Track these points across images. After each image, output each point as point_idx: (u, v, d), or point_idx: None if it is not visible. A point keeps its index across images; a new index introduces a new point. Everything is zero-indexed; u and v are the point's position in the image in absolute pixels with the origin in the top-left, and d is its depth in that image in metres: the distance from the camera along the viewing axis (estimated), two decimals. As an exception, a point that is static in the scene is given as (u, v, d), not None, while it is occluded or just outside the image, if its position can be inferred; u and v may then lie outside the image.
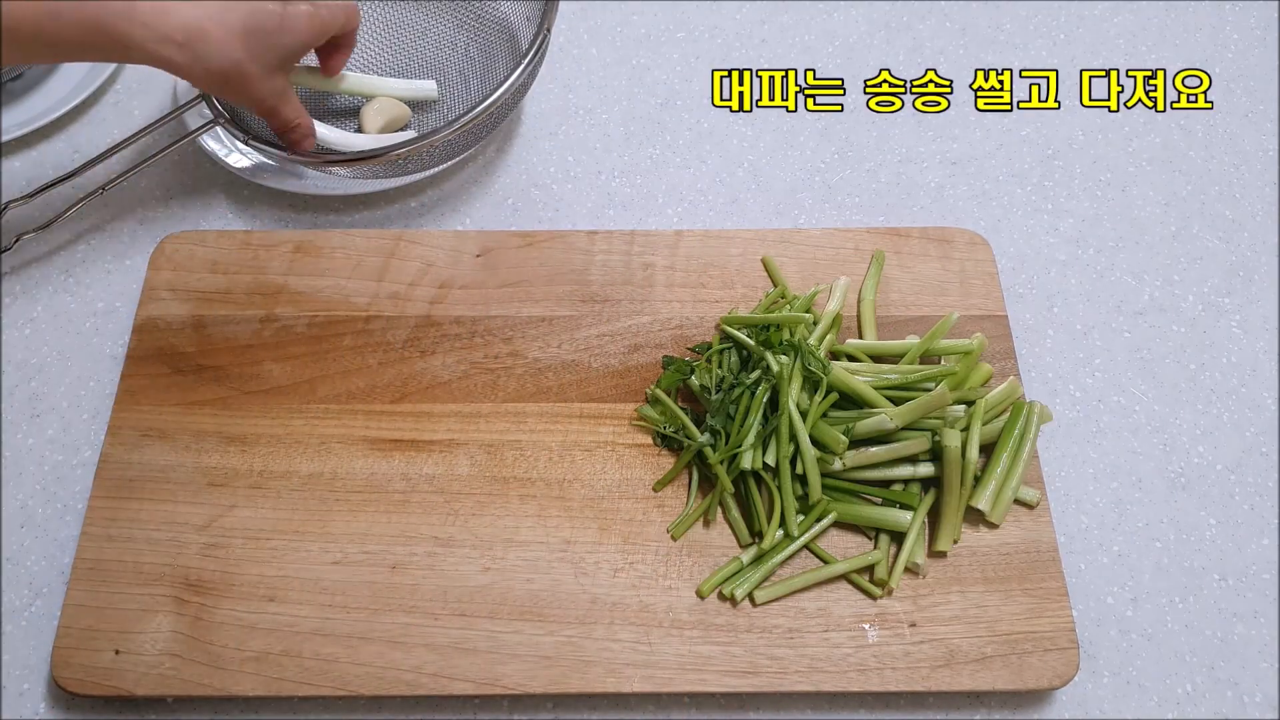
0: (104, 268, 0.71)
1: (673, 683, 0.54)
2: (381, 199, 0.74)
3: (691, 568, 0.58)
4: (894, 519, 0.58)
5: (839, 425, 0.58)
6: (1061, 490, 0.63)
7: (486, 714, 0.56)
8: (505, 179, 0.76)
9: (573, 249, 0.69)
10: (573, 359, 0.65)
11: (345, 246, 0.69)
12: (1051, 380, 0.67)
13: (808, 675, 0.55)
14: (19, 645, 0.57)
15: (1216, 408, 0.67)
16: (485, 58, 0.77)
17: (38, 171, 0.75)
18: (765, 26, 0.85)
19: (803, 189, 0.76)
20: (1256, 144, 0.79)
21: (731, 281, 0.68)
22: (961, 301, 0.67)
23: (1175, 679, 0.58)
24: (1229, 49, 0.84)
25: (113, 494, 0.60)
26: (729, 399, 0.60)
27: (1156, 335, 0.70)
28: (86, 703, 0.56)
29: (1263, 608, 0.60)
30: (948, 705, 0.56)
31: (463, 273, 0.68)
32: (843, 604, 0.57)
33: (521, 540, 0.58)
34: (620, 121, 0.79)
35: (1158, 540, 0.62)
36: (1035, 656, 0.55)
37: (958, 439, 0.57)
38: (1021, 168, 0.77)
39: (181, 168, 0.76)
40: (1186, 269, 0.73)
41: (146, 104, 0.79)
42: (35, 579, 0.59)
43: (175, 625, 0.55)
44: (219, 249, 0.69)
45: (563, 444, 0.62)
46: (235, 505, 0.59)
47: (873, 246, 0.70)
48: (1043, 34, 0.85)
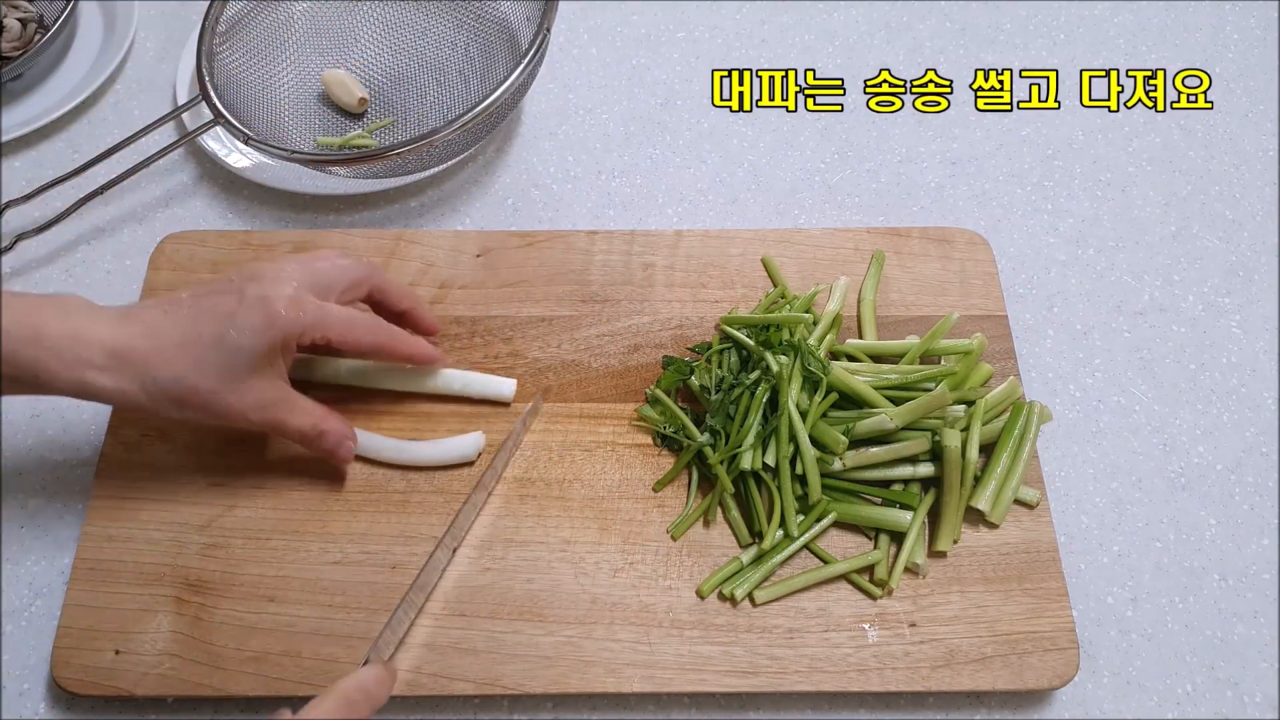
0: (104, 268, 0.71)
1: (673, 683, 0.54)
2: (381, 199, 0.74)
3: (691, 568, 0.58)
4: (894, 519, 0.58)
5: (839, 425, 0.58)
6: (1061, 490, 0.63)
7: (486, 714, 0.56)
8: (505, 179, 0.76)
9: (573, 249, 0.69)
10: (573, 359, 0.65)
11: (345, 246, 0.69)
12: (1051, 380, 0.67)
13: (808, 675, 0.55)
14: (19, 645, 0.57)
15: (1216, 408, 0.67)
16: (485, 58, 0.77)
17: (38, 171, 0.75)
18: (765, 26, 0.85)
19: (803, 189, 0.76)
20: (1256, 144, 0.79)
21: (731, 281, 0.68)
22: (961, 301, 0.67)
23: (1175, 679, 0.58)
24: (1229, 49, 0.84)
25: (113, 494, 0.59)
26: (729, 399, 0.60)
27: (1156, 335, 0.70)
28: (86, 703, 0.56)
29: (1263, 608, 0.60)
30: (948, 705, 0.56)
31: (463, 273, 0.68)
32: (843, 604, 0.57)
33: (521, 540, 0.58)
34: (620, 121, 0.79)
35: (1158, 540, 0.62)
36: (1035, 656, 0.55)
37: (958, 439, 0.57)
38: (1021, 168, 0.77)
39: (181, 168, 0.76)
40: (1186, 269, 0.73)
41: (146, 104, 0.79)
42: (35, 579, 0.59)
43: (175, 625, 0.55)
44: (219, 249, 0.69)
45: (563, 444, 0.62)
46: (235, 505, 0.59)
47: (873, 246, 0.70)
48: (1043, 34, 0.85)
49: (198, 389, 0.52)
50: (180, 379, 0.51)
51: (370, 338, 0.56)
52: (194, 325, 0.52)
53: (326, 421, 0.57)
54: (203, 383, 0.52)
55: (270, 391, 0.54)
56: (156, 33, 0.83)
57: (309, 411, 0.56)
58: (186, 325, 0.52)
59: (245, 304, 0.52)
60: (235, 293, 0.52)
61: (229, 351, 0.52)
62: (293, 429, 0.56)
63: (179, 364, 0.51)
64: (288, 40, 0.76)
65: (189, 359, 0.51)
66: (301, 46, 0.77)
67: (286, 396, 0.55)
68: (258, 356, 0.52)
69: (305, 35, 0.77)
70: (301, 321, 0.53)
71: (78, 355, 0.50)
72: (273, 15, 0.76)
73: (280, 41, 0.76)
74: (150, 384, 0.51)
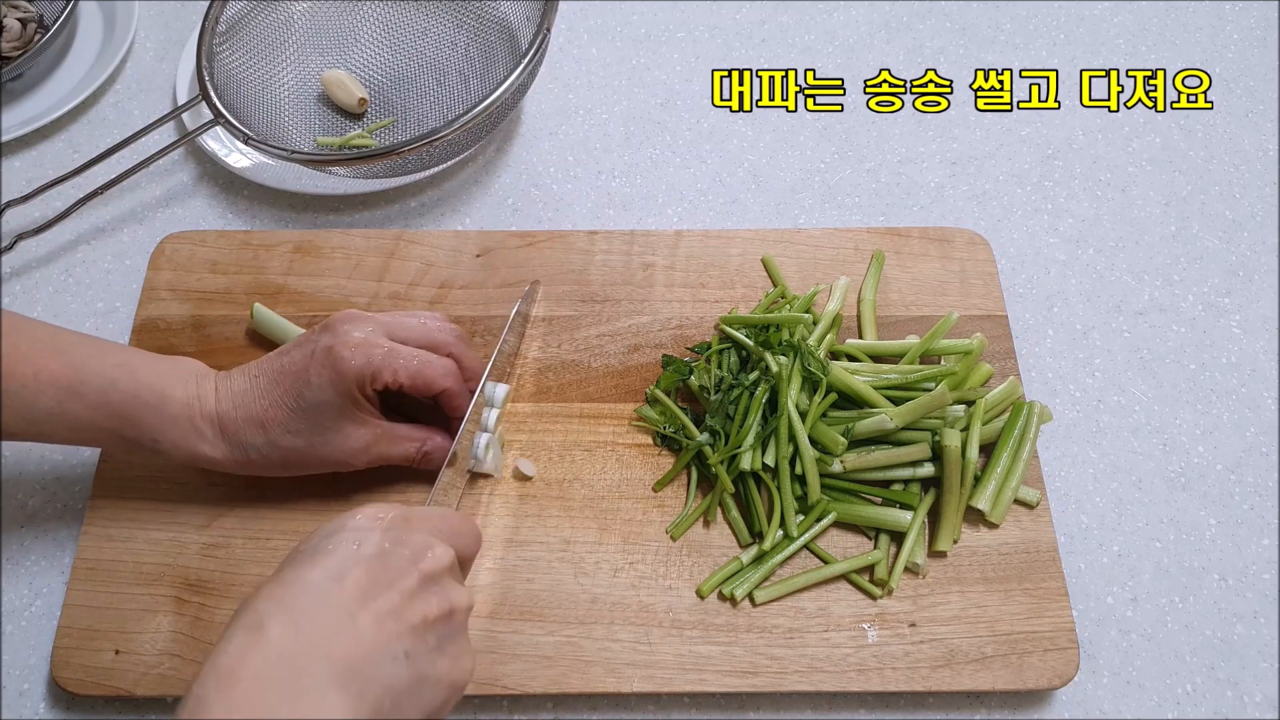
0: (104, 268, 0.71)
1: (673, 683, 0.54)
2: (381, 199, 0.74)
3: (691, 568, 0.58)
4: (894, 519, 0.58)
5: (839, 425, 0.58)
6: (1061, 490, 0.63)
7: (486, 714, 0.56)
8: (505, 179, 0.76)
9: (573, 249, 0.69)
10: (573, 359, 0.65)
11: (345, 246, 0.69)
12: (1051, 380, 0.67)
13: (808, 675, 0.55)
14: (19, 645, 0.57)
15: (1216, 408, 0.67)
16: (485, 58, 0.77)
17: (38, 171, 0.75)
18: (765, 26, 0.85)
19: (803, 189, 0.76)
20: (1256, 144, 0.79)
21: (731, 281, 0.68)
22: (961, 301, 0.67)
23: (1175, 679, 0.58)
24: (1229, 49, 0.84)
25: (113, 494, 0.59)
26: (728, 399, 0.60)
27: (1156, 335, 0.70)
28: (86, 703, 0.56)
29: (1263, 608, 0.60)
30: (948, 705, 0.56)
31: (463, 273, 0.68)
32: (843, 604, 0.57)
33: (521, 540, 0.58)
34: (620, 121, 0.79)
35: (1158, 540, 0.62)
36: (1035, 656, 0.55)
37: (958, 439, 0.57)
38: (1021, 168, 0.77)
39: (181, 168, 0.76)
40: (1186, 269, 0.73)
41: (146, 104, 0.79)
42: (35, 579, 0.59)
43: (175, 625, 0.55)
44: (219, 249, 0.69)
45: (563, 444, 0.62)
46: (235, 505, 0.59)
47: (873, 246, 0.69)
48: (1043, 34, 0.85)
49: (295, 449, 0.53)
50: (274, 443, 0.52)
51: (440, 382, 0.54)
52: (275, 388, 0.52)
53: (429, 442, 0.57)
54: (295, 442, 0.52)
55: (364, 434, 0.54)
56: (156, 33, 0.83)
57: (409, 438, 0.56)
58: (269, 389, 0.52)
59: (315, 359, 0.52)
60: (310, 346, 0.52)
61: (309, 408, 0.52)
62: (399, 459, 0.56)
63: (270, 429, 0.52)
64: (288, 40, 0.76)
65: (275, 423, 0.52)
66: (301, 46, 0.77)
67: (384, 432, 0.55)
68: (336, 407, 0.52)
69: (305, 35, 0.77)
70: (371, 364, 0.52)
71: (193, 426, 0.51)
72: (273, 15, 0.76)
73: (280, 41, 0.76)
74: (252, 450, 0.52)
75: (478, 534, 0.48)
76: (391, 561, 0.42)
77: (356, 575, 0.40)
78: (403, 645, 0.40)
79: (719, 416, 0.60)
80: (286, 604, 0.39)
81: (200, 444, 0.52)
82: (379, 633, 0.39)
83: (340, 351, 0.51)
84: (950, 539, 0.58)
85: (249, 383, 0.53)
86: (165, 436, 0.51)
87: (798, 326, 0.63)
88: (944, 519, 0.58)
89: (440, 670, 0.42)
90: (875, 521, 0.58)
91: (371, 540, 0.42)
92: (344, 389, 0.52)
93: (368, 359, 0.52)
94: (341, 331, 0.52)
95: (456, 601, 0.43)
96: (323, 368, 0.51)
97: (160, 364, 0.53)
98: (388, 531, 0.43)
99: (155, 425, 0.51)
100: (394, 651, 0.40)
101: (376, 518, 0.44)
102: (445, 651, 0.42)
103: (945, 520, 0.58)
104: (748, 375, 0.61)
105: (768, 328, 0.62)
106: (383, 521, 0.44)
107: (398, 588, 0.41)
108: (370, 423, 0.54)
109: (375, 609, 0.40)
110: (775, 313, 0.64)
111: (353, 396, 0.52)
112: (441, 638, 0.42)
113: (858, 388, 0.60)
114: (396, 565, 0.42)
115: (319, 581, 0.40)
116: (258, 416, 0.52)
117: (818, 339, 0.63)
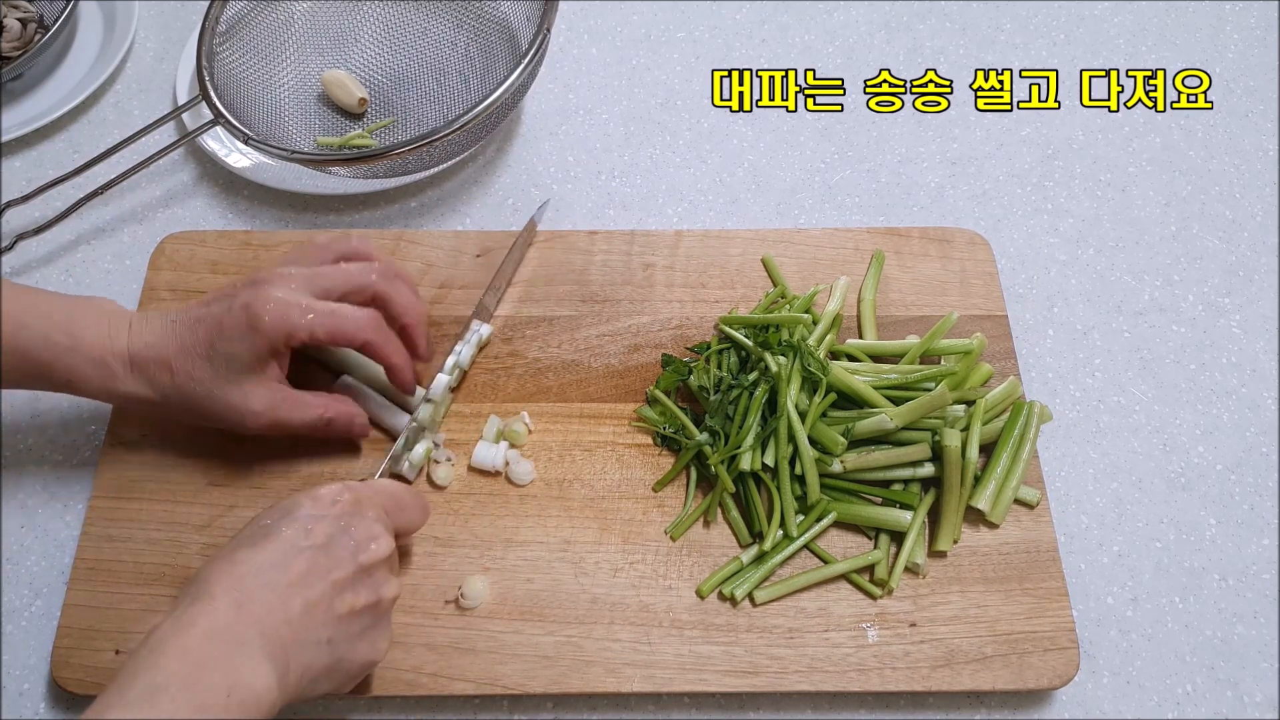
0: (104, 268, 0.71)
1: (673, 683, 0.54)
2: (381, 199, 0.74)
3: (691, 568, 0.58)
4: (894, 519, 0.58)
5: (839, 425, 0.58)
6: (1061, 490, 0.63)
7: (486, 714, 0.56)
8: (505, 179, 0.76)
9: (573, 249, 0.69)
10: (573, 359, 0.65)
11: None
12: (1051, 380, 0.67)
13: (808, 675, 0.55)
14: (19, 645, 0.57)
15: (1216, 408, 0.67)
16: (485, 58, 0.77)
17: (38, 171, 0.75)
18: (765, 26, 0.85)
19: (803, 189, 0.76)
20: (1256, 144, 0.79)
21: (731, 281, 0.68)
22: (961, 301, 0.67)
23: (1175, 679, 0.58)
24: (1229, 49, 0.84)
25: (113, 494, 0.59)
26: (728, 399, 0.60)
27: (1156, 335, 0.70)
28: (87, 703, 0.56)
29: (1263, 608, 0.60)
30: (948, 705, 0.56)
31: (463, 273, 0.68)
32: (843, 604, 0.57)
33: (521, 540, 0.58)
34: (620, 121, 0.79)
35: (1158, 540, 0.62)
36: (1035, 656, 0.55)
37: (958, 439, 0.57)
38: (1021, 168, 0.77)
39: (181, 168, 0.76)
40: (1186, 269, 0.73)
41: (146, 104, 0.79)
42: (35, 579, 0.59)
43: (175, 625, 0.55)
44: (219, 249, 0.69)
45: (563, 444, 0.62)
46: (235, 505, 0.59)
47: (873, 246, 0.69)
48: (1043, 34, 0.85)
49: (195, 394, 0.54)
50: (179, 386, 0.54)
51: (358, 335, 0.55)
52: (190, 334, 0.53)
53: (330, 409, 0.58)
54: (199, 389, 0.54)
55: (268, 394, 0.55)
56: (156, 33, 0.83)
57: (311, 404, 0.57)
58: (184, 334, 0.54)
59: (232, 311, 0.53)
60: (228, 299, 0.53)
61: (220, 359, 0.53)
62: (299, 425, 0.57)
63: (179, 372, 0.53)
64: (288, 40, 0.76)
65: (186, 367, 0.53)
66: (301, 46, 0.77)
67: (285, 397, 0.56)
68: (243, 362, 0.53)
69: (305, 35, 0.77)
70: (287, 322, 0.53)
71: (107, 364, 0.53)
72: (273, 15, 0.76)
73: (280, 41, 0.76)
74: (159, 390, 0.54)
75: (425, 508, 0.54)
76: (334, 551, 0.47)
77: (298, 564, 0.46)
78: (326, 632, 0.46)
79: (719, 416, 0.60)
80: (234, 582, 0.45)
81: (112, 381, 0.53)
82: (307, 620, 0.45)
83: (256, 309, 0.52)
84: (950, 539, 0.58)
85: (165, 326, 0.54)
86: (78, 374, 0.52)
87: (797, 326, 0.63)
88: (944, 519, 0.58)
89: (358, 653, 0.48)
90: (875, 521, 0.58)
91: (319, 530, 0.47)
92: (257, 345, 0.53)
93: (284, 316, 0.53)
94: (261, 289, 0.53)
95: (384, 593, 0.49)
96: (238, 323, 0.52)
97: (70, 304, 0.54)
98: (338, 519, 0.48)
99: (69, 365, 0.52)
100: (318, 637, 0.46)
101: (334, 501, 0.49)
102: (365, 637, 0.48)
103: (945, 520, 0.58)
104: (747, 375, 0.61)
105: (767, 328, 0.62)
106: (336, 507, 0.49)
107: (331, 578, 0.46)
108: (273, 385, 0.55)
109: (307, 597, 0.45)
110: (775, 313, 0.64)
111: (263, 354, 0.53)
112: (364, 625, 0.48)
113: (858, 388, 0.60)
114: (337, 555, 0.47)
115: (264, 566, 0.45)
116: (166, 359, 0.53)
117: (817, 339, 0.63)
